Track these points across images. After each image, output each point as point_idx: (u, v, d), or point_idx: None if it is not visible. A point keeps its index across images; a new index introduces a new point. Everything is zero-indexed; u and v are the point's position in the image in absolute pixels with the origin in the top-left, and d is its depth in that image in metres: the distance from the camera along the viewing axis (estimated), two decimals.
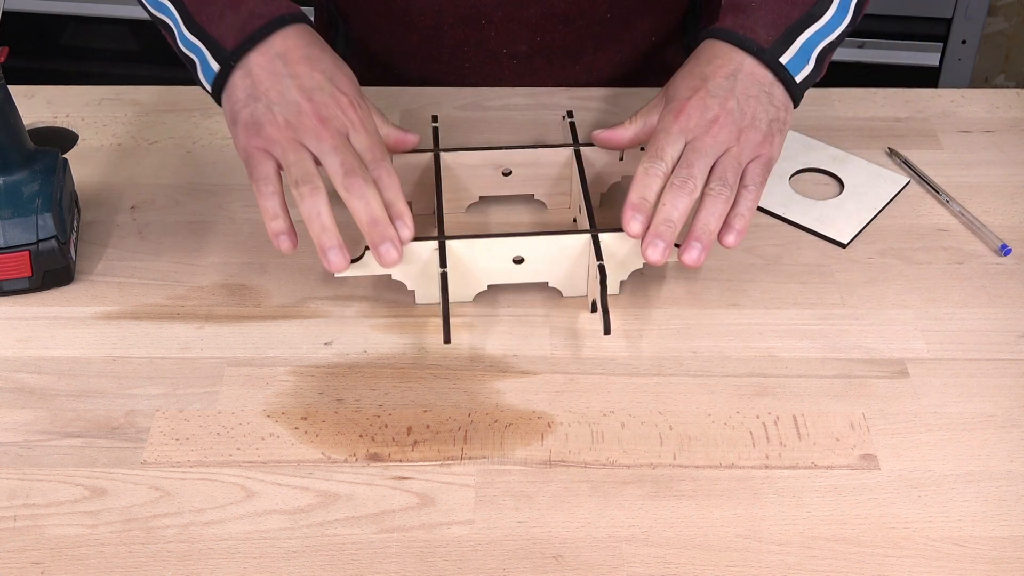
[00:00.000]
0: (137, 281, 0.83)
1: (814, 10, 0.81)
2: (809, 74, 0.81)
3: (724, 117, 0.77)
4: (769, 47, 0.79)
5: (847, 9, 0.82)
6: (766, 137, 0.78)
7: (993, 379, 0.77)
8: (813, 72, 0.81)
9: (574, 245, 0.78)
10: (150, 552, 0.66)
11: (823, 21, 0.81)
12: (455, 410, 0.74)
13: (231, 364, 0.77)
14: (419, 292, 0.80)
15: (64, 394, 0.75)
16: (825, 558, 0.66)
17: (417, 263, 0.78)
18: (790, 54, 0.79)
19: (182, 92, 1.01)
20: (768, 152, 0.78)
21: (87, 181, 0.91)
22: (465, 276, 0.80)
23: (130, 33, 2.06)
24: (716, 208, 0.75)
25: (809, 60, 0.80)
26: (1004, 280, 0.84)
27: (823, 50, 0.81)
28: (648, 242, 0.74)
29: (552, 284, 0.81)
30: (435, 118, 0.89)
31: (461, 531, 0.67)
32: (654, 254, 0.74)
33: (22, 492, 0.69)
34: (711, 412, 0.74)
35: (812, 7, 0.81)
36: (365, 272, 0.77)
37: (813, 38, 0.81)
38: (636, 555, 0.66)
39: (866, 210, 0.88)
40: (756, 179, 0.77)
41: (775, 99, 0.79)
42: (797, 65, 0.80)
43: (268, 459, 0.71)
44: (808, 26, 0.80)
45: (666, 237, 0.74)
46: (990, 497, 0.69)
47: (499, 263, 0.79)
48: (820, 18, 0.81)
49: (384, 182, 0.75)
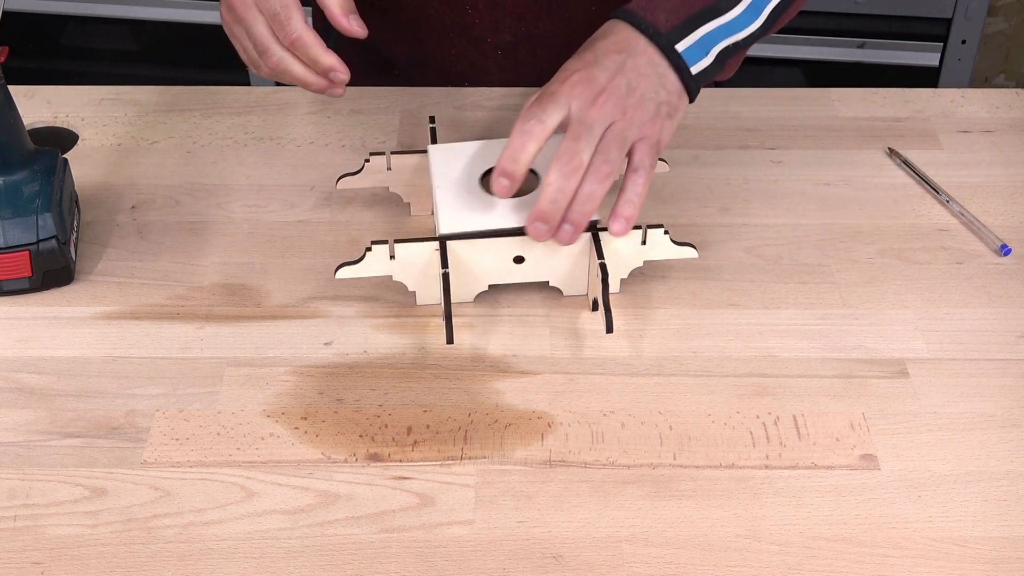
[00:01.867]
0: (137, 281, 0.83)
1: (720, 4, 0.79)
2: (707, 68, 0.79)
3: (610, 90, 0.75)
4: (667, 32, 0.77)
5: (759, 12, 0.80)
6: (654, 118, 0.76)
7: (993, 379, 0.77)
8: (712, 67, 0.79)
9: (575, 243, 0.78)
10: (150, 552, 0.66)
11: (728, 17, 0.79)
12: (455, 410, 0.74)
13: (231, 364, 0.77)
14: (420, 293, 0.80)
15: (64, 394, 0.75)
16: (825, 558, 0.66)
17: (418, 264, 0.78)
18: (687, 43, 0.78)
19: (182, 92, 1.01)
20: (656, 133, 0.77)
21: (87, 181, 0.91)
22: (466, 276, 0.79)
23: (130, 33, 2.06)
24: (594, 189, 0.74)
25: (708, 53, 0.79)
26: (1004, 280, 0.84)
27: (726, 48, 0.80)
28: (532, 221, 0.74)
29: (553, 283, 0.81)
30: (432, 119, 0.89)
31: (461, 531, 0.67)
32: (536, 234, 0.75)
33: (22, 492, 0.69)
34: (711, 412, 0.74)
35: (718, 0, 0.79)
36: (365, 274, 0.77)
37: (715, 32, 0.79)
38: (636, 555, 0.66)
39: None
40: (644, 161, 0.76)
41: (667, 83, 0.77)
42: (694, 56, 0.78)
43: (268, 459, 0.71)
44: (711, 19, 0.79)
45: (551, 219, 0.74)
46: (990, 497, 0.69)
47: (499, 263, 0.79)
48: (725, 13, 0.79)
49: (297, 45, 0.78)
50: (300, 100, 1.00)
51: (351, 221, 0.88)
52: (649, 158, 0.76)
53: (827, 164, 0.95)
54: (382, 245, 0.77)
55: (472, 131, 0.97)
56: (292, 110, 1.00)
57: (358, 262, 0.77)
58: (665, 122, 0.77)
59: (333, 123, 0.98)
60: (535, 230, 0.75)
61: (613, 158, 0.74)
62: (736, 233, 0.88)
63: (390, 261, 0.78)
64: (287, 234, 0.87)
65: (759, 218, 0.89)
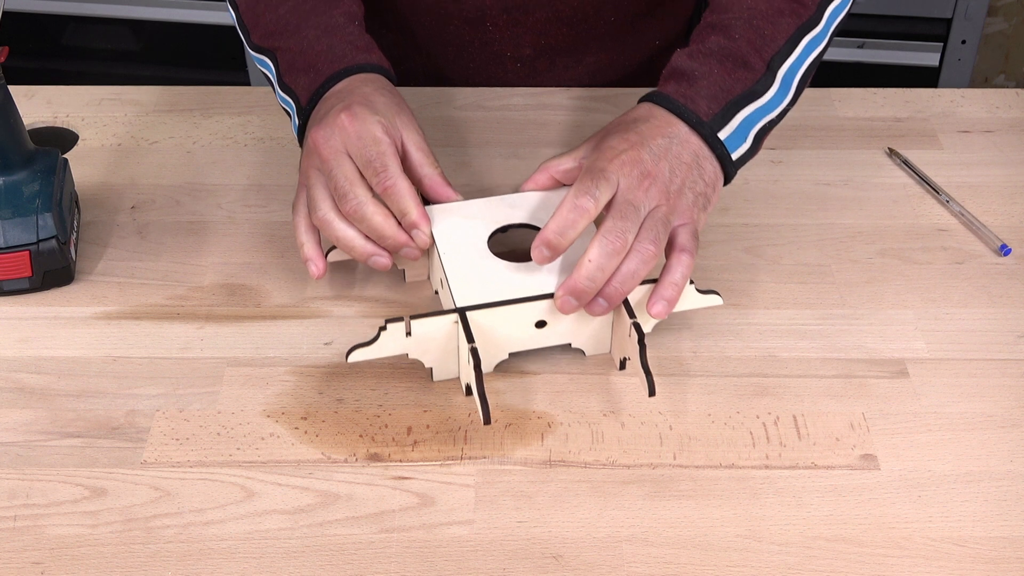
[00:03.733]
0: (137, 281, 0.83)
1: (757, 87, 0.79)
2: (745, 152, 0.79)
3: (656, 175, 0.74)
4: (709, 120, 0.77)
5: (789, 87, 0.81)
6: (691, 207, 0.76)
7: (993, 379, 0.77)
8: (750, 151, 0.79)
9: None
10: (150, 552, 0.66)
11: (765, 99, 0.79)
12: (455, 410, 0.74)
13: (231, 364, 0.77)
14: (437, 369, 0.75)
15: (64, 394, 0.75)
16: (825, 558, 0.66)
17: (437, 339, 0.73)
18: (728, 130, 0.78)
19: (182, 92, 1.01)
20: (694, 221, 0.76)
21: (87, 181, 0.91)
22: (486, 345, 0.74)
23: (130, 33, 2.06)
24: (638, 269, 0.72)
25: (747, 138, 0.79)
26: (1004, 280, 0.84)
27: (762, 128, 0.80)
28: (563, 294, 0.72)
29: (575, 345, 0.77)
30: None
31: (461, 531, 0.67)
32: (566, 307, 0.72)
33: (22, 492, 0.69)
34: (711, 412, 0.74)
35: (755, 83, 0.79)
36: (380, 355, 0.73)
37: (753, 115, 0.79)
38: (636, 555, 0.66)
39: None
40: (690, 244, 0.75)
41: (705, 173, 0.77)
42: (734, 142, 0.78)
43: (268, 459, 0.71)
44: (749, 102, 0.78)
45: (584, 296, 0.72)
46: (990, 497, 0.69)
47: (521, 329, 0.75)
48: (762, 95, 0.79)
49: (391, 193, 0.75)
50: None
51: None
52: (692, 243, 0.75)
53: (827, 164, 0.95)
54: (397, 323, 0.72)
55: (472, 131, 0.97)
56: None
57: (372, 343, 0.72)
58: (700, 213, 0.77)
59: None
60: (566, 303, 0.72)
61: (660, 240, 0.73)
62: (736, 233, 0.88)
63: (406, 339, 0.73)
64: (287, 234, 0.87)
65: (759, 218, 0.89)
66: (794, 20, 0.81)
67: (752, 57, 0.79)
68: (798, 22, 0.81)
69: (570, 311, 0.73)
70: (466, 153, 0.95)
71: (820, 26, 0.82)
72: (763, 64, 0.79)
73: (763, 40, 0.80)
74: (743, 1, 0.81)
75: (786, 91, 0.81)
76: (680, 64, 0.80)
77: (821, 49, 0.83)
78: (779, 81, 0.80)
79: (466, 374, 0.73)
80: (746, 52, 0.79)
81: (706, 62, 0.79)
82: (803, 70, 0.81)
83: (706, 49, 0.80)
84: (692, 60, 0.79)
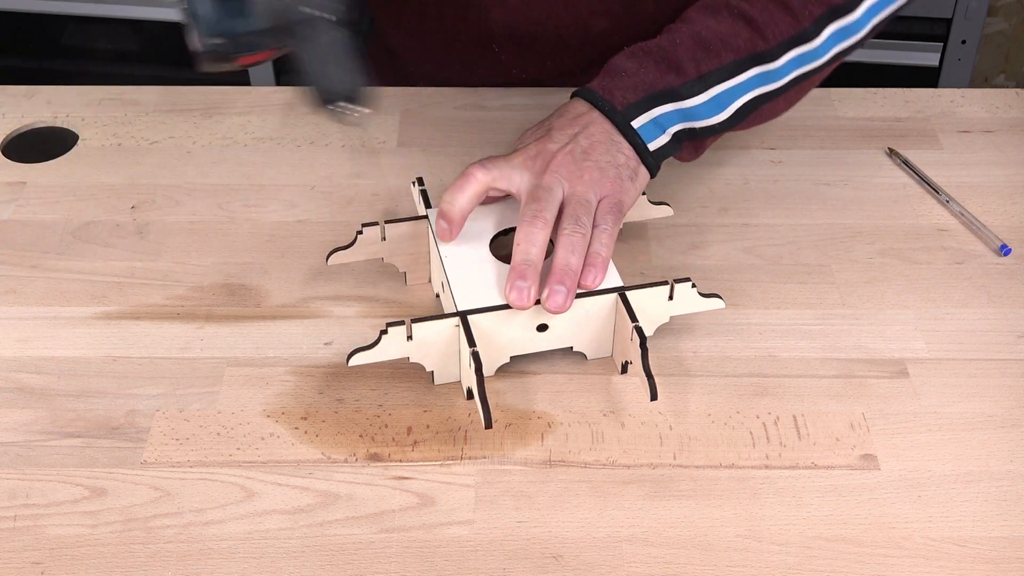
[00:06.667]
0: (137, 281, 0.83)
1: (681, 89, 0.80)
2: (664, 146, 0.79)
3: (562, 156, 0.76)
4: (622, 109, 0.78)
5: (723, 106, 0.81)
6: (614, 180, 0.77)
7: (993, 379, 0.77)
8: (669, 145, 0.80)
9: (601, 307, 0.75)
10: (150, 552, 0.66)
11: (687, 103, 0.80)
12: (455, 410, 0.74)
13: (231, 364, 0.77)
14: (439, 372, 0.75)
15: (64, 394, 0.75)
16: (825, 558, 0.66)
17: (437, 343, 0.73)
18: (641, 120, 0.79)
19: (182, 92, 1.01)
20: (616, 193, 0.77)
21: (87, 181, 0.91)
22: (487, 349, 0.74)
23: (130, 33, 2.06)
24: (568, 258, 0.73)
25: (664, 133, 0.79)
26: (1004, 280, 0.84)
27: (685, 131, 0.80)
28: (515, 279, 0.72)
29: (577, 348, 0.77)
30: (420, 180, 0.83)
31: (461, 531, 0.67)
32: (520, 299, 0.72)
33: (22, 492, 0.69)
34: (711, 412, 0.74)
35: (680, 85, 0.80)
36: (381, 358, 0.72)
37: (672, 115, 0.80)
38: (636, 555, 0.66)
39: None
40: (607, 218, 0.75)
41: (623, 148, 0.78)
42: (649, 133, 0.79)
43: (268, 459, 0.71)
44: (668, 101, 0.79)
45: (528, 275, 0.72)
46: (990, 497, 0.69)
47: (522, 332, 0.74)
48: (686, 99, 0.80)
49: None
50: (300, 100, 1.00)
51: (351, 221, 0.88)
52: (611, 215, 0.76)
53: (827, 164, 0.95)
54: (398, 327, 0.71)
55: (472, 131, 0.97)
56: (292, 110, 1.00)
57: (373, 347, 0.71)
58: (627, 183, 0.77)
59: (333, 123, 0.98)
60: (519, 293, 0.72)
61: (583, 220, 0.74)
62: (736, 233, 0.88)
63: (407, 343, 0.72)
64: (287, 234, 0.87)
65: (759, 218, 0.89)
66: (748, 47, 0.81)
67: (687, 64, 0.80)
68: (752, 50, 0.81)
69: (525, 301, 0.72)
70: (466, 153, 0.95)
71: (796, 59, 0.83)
72: (696, 73, 0.80)
73: (706, 54, 0.81)
74: (704, 20, 0.82)
75: (720, 108, 0.81)
76: (615, 62, 0.82)
77: (775, 87, 0.83)
78: (712, 95, 0.81)
79: (467, 378, 0.73)
80: (682, 59, 0.80)
81: (642, 61, 0.81)
82: (747, 98, 0.82)
83: (647, 48, 0.81)
84: (628, 59, 0.81)
